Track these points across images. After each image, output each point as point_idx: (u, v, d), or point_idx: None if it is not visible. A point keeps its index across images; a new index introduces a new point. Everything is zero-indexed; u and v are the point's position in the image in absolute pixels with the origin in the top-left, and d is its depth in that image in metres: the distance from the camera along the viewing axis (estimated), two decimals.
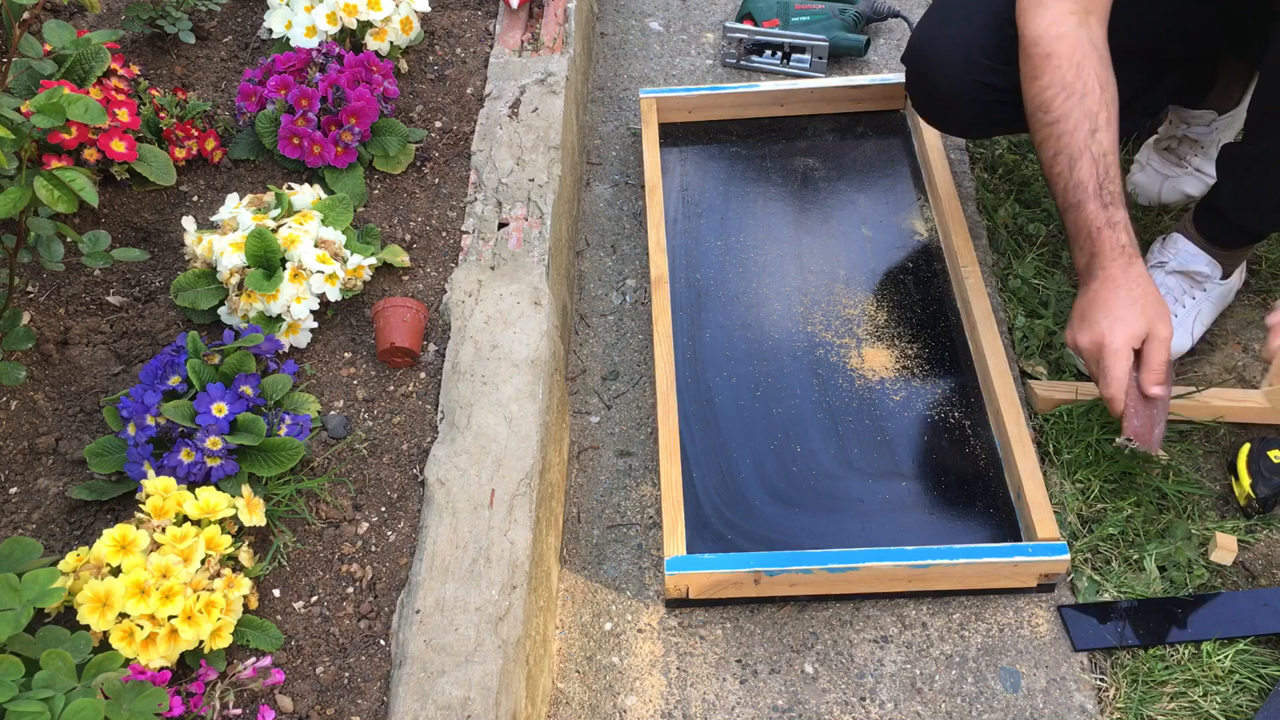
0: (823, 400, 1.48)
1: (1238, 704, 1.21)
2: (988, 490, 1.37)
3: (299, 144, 1.56)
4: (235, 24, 1.88)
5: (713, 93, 1.88)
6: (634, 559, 1.39)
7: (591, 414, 1.56)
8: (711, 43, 2.15)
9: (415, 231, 1.55)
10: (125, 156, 1.48)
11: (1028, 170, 1.82)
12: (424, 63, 1.82)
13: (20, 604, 0.95)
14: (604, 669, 1.29)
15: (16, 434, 1.30)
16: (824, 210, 1.74)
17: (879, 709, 1.24)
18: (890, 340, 1.55)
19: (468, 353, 1.37)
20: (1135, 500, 1.39)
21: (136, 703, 0.94)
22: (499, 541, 1.19)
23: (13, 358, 1.33)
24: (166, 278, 1.48)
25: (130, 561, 1.06)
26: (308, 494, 1.25)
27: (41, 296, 1.45)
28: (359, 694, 1.10)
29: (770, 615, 1.33)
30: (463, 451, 1.27)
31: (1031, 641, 1.29)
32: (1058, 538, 1.27)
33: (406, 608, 1.14)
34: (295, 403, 1.30)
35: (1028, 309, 1.61)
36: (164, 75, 1.76)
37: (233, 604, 1.09)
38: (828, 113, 1.90)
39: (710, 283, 1.64)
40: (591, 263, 1.76)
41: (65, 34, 1.48)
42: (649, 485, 1.47)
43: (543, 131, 1.66)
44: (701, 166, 1.83)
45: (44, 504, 1.24)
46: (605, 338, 1.65)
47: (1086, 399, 1.47)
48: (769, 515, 1.36)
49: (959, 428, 1.44)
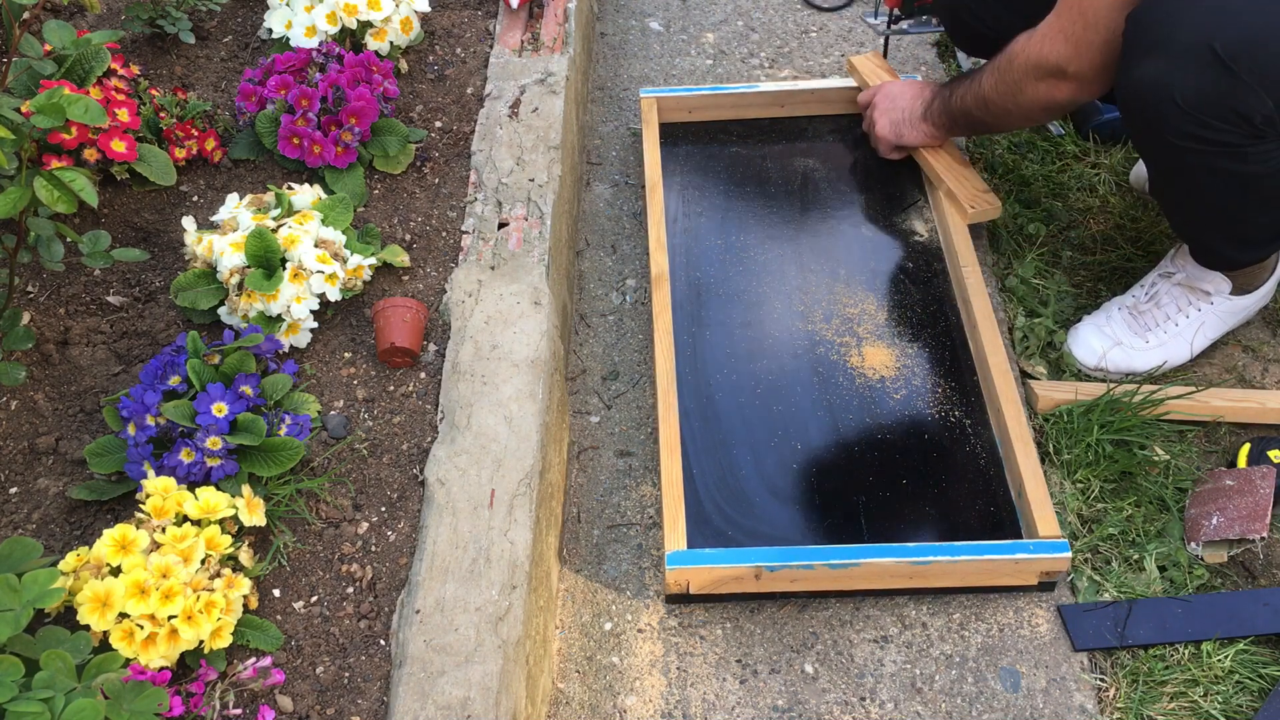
0: (823, 398, 1.48)
1: (1238, 704, 1.21)
2: (988, 489, 1.37)
3: (299, 144, 1.56)
4: (235, 24, 1.88)
5: (713, 93, 1.88)
6: (634, 559, 1.39)
7: (591, 414, 1.56)
8: (712, 43, 2.15)
9: (415, 231, 1.55)
10: (125, 156, 1.47)
11: (1028, 170, 1.82)
12: (424, 63, 1.82)
13: (20, 604, 0.95)
14: (604, 669, 1.29)
15: (16, 434, 1.30)
16: (824, 210, 1.74)
17: (879, 709, 1.24)
18: (890, 339, 1.55)
19: (468, 353, 1.37)
20: (1135, 500, 1.39)
21: (136, 703, 0.94)
22: (499, 541, 1.19)
23: (13, 358, 1.33)
24: (166, 278, 1.48)
25: (130, 561, 1.06)
26: (308, 494, 1.25)
27: (41, 296, 1.45)
28: (359, 694, 1.09)
29: (770, 615, 1.33)
30: (463, 451, 1.27)
31: (1031, 641, 1.29)
32: (1059, 535, 1.27)
33: (406, 608, 1.14)
34: (295, 403, 1.30)
35: (1028, 309, 1.61)
36: (164, 75, 1.76)
37: (233, 604, 1.09)
38: (828, 114, 1.90)
39: (711, 281, 1.64)
40: (591, 263, 1.76)
41: (65, 34, 1.48)
42: (649, 485, 1.47)
43: (543, 131, 1.66)
44: (702, 166, 1.83)
45: (44, 504, 1.24)
46: (605, 338, 1.65)
47: (1086, 399, 1.47)
48: (769, 512, 1.36)
49: (959, 427, 1.44)
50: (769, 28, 2.18)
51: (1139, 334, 1.51)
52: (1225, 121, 1.21)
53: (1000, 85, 1.49)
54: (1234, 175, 1.27)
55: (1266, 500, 1.33)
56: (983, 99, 1.53)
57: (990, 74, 1.50)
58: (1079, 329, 1.55)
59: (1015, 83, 1.45)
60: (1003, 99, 1.49)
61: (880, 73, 1.84)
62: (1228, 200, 1.32)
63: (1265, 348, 1.57)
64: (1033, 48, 1.41)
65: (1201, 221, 1.42)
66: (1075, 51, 1.35)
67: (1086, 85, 1.38)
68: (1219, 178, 1.28)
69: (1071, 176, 1.81)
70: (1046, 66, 1.39)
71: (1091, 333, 1.54)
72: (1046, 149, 1.85)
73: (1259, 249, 1.42)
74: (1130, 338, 1.51)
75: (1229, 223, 1.38)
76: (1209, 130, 1.23)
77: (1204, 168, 1.28)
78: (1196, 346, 1.52)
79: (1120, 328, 1.52)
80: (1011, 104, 1.49)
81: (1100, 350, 1.52)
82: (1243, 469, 1.39)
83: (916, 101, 1.70)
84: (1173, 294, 1.51)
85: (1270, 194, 1.30)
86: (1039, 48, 1.39)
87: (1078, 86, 1.39)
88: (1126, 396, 1.46)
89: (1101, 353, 1.52)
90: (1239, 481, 1.36)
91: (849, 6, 2.22)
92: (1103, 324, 1.54)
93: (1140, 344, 1.51)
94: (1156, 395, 1.46)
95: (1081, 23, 1.32)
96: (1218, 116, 1.21)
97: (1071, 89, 1.40)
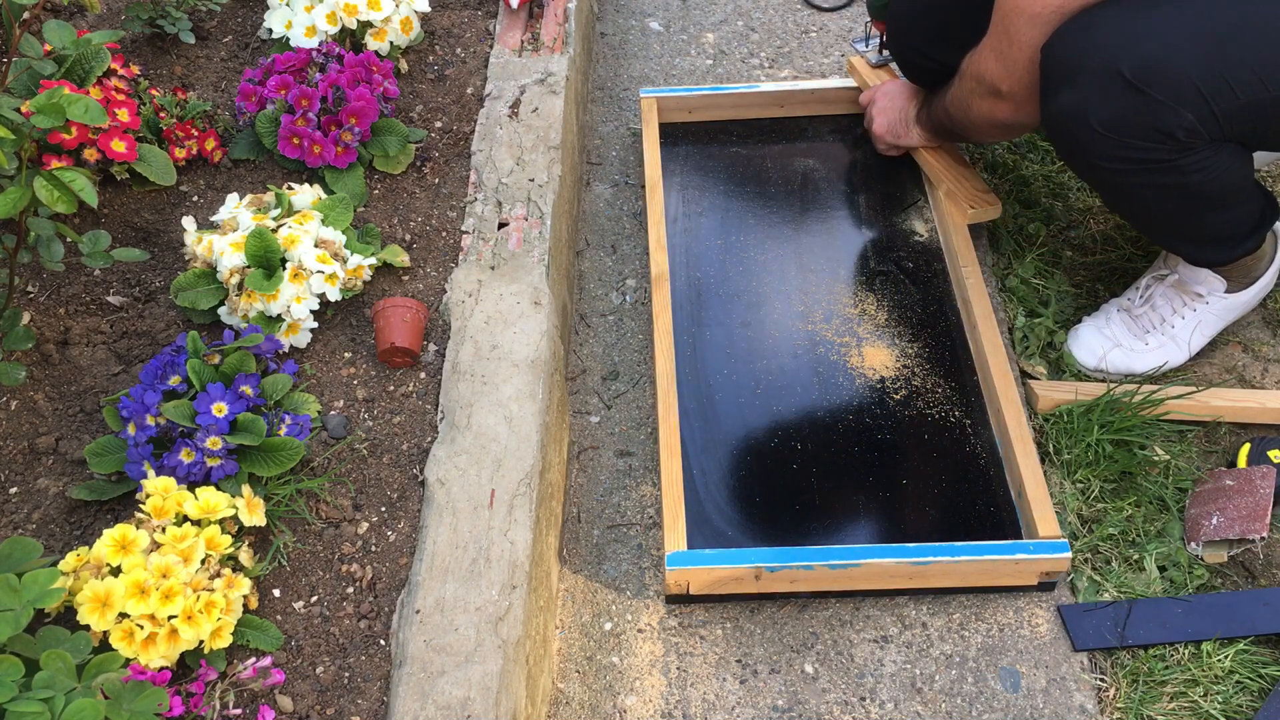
0: (823, 398, 1.48)
1: (1238, 704, 1.21)
2: (988, 489, 1.37)
3: (299, 144, 1.56)
4: (235, 24, 1.88)
5: (713, 93, 1.88)
6: (634, 559, 1.39)
7: (591, 414, 1.56)
8: (712, 43, 2.16)
9: (415, 231, 1.55)
10: (125, 156, 1.47)
11: (1027, 170, 1.82)
12: (424, 63, 1.82)
13: (20, 604, 0.95)
14: (604, 669, 1.29)
15: (16, 434, 1.30)
16: (824, 210, 1.74)
17: (879, 709, 1.24)
18: (890, 339, 1.55)
19: (468, 353, 1.37)
20: (1135, 500, 1.39)
21: (136, 703, 0.94)
22: (499, 541, 1.19)
23: (13, 358, 1.33)
24: (166, 278, 1.48)
25: (130, 561, 1.06)
26: (308, 494, 1.25)
27: (41, 296, 1.45)
28: (359, 694, 1.09)
29: (770, 615, 1.33)
30: (463, 451, 1.27)
31: (1031, 641, 1.29)
32: (1059, 535, 1.27)
33: (406, 608, 1.14)
34: (295, 403, 1.30)
35: (1028, 309, 1.61)
36: (164, 75, 1.76)
37: (233, 604, 1.09)
38: (828, 114, 1.90)
39: (711, 281, 1.64)
40: (591, 263, 1.76)
41: (65, 34, 1.48)
42: (649, 485, 1.47)
43: (543, 131, 1.66)
44: (702, 166, 1.83)
45: (44, 504, 1.24)
46: (605, 338, 1.65)
47: (1086, 399, 1.47)
48: (769, 512, 1.36)
49: (959, 427, 1.44)
50: (769, 28, 2.18)
51: (1138, 336, 1.51)
52: (1148, 139, 1.23)
53: (955, 99, 1.52)
54: (1174, 187, 1.29)
55: (1266, 500, 1.33)
56: (948, 111, 1.56)
57: (952, 87, 1.53)
58: (1079, 330, 1.56)
59: (964, 98, 1.49)
60: (958, 113, 1.53)
61: (880, 72, 1.84)
62: (1178, 209, 1.33)
63: (1265, 348, 1.57)
64: (973, 65, 1.44)
65: (1163, 231, 1.43)
66: (1005, 70, 1.37)
67: (1021, 105, 1.39)
68: (1160, 191, 1.30)
69: (1071, 176, 1.81)
70: (984, 84, 1.42)
71: (1091, 334, 1.54)
72: (1046, 149, 1.85)
73: (1232, 246, 1.42)
74: (1130, 340, 1.51)
75: (1189, 229, 1.39)
76: (1135, 150, 1.25)
77: (1142, 184, 1.30)
78: (1194, 346, 1.52)
79: (1119, 329, 1.52)
80: (965, 119, 1.52)
81: (1100, 352, 1.52)
82: (1243, 469, 1.39)
83: (910, 103, 1.71)
84: (1167, 295, 1.51)
85: (1218, 195, 1.31)
86: (977, 64, 1.42)
87: (1014, 106, 1.40)
88: (1126, 396, 1.46)
89: (1101, 354, 1.52)
90: (1239, 481, 1.36)
91: (849, 6, 2.22)
92: (1102, 325, 1.54)
93: (1140, 346, 1.51)
94: (1156, 395, 1.46)
95: (1006, 40, 1.34)
96: (1139, 136, 1.23)
97: (1009, 109, 1.41)
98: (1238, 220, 1.38)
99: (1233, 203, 1.35)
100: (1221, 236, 1.40)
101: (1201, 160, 1.25)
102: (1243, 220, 1.39)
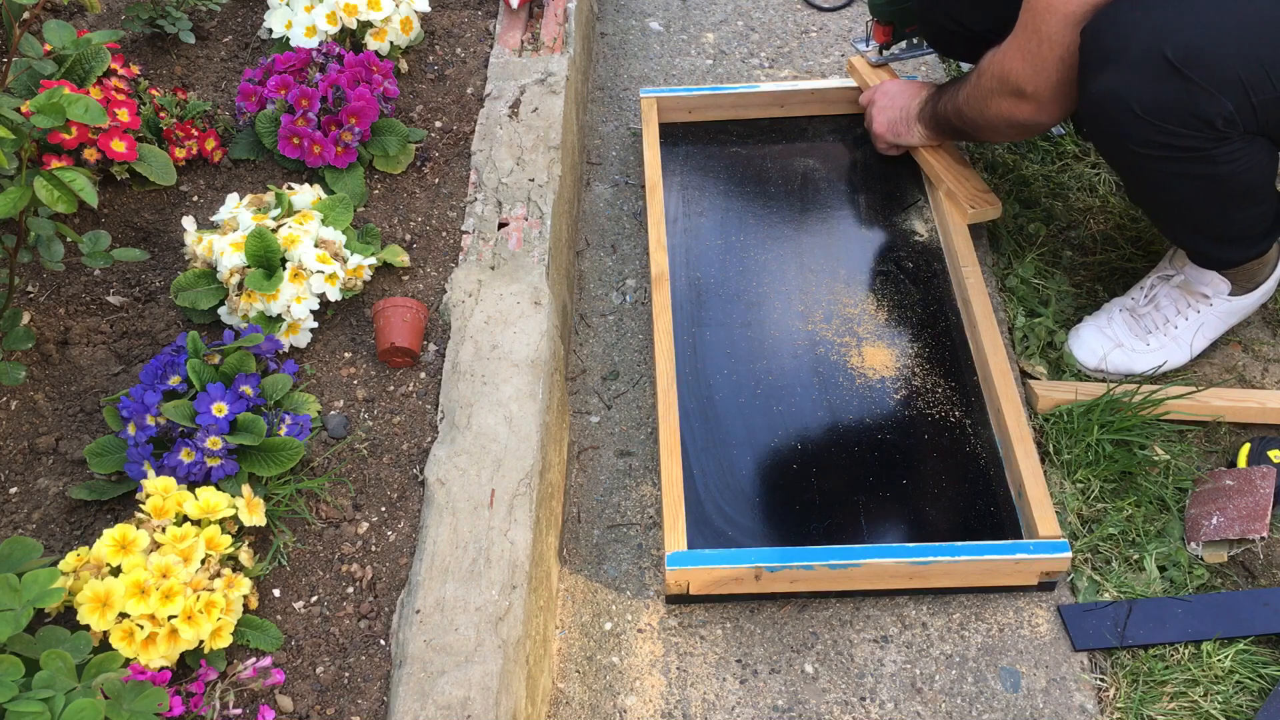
0: (823, 398, 1.48)
1: (1238, 704, 1.21)
2: (988, 489, 1.37)
3: (299, 144, 1.56)
4: (235, 24, 1.88)
5: (713, 93, 1.88)
6: (634, 559, 1.39)
7: (591, 414, 1.56)
8: (712, 42, 2.15)
9: (415, 231, 1.55)
10: (125, 156, 1.47)
11: (1027, 170, 1.82)
12: (424, 63, 1.82)
13: (20, 604, 0.95)
14: (604, 669, 1.29)
15: (16, 434, 1.30)
16: (824, 210, 1.74)
17: (879, 709, 1.24)
18: (890, 339, 1.55)
19: (468, 353, 1.37)
20: (1135, 500, 1.39)
21: (136, 703, 0.94)
22: (499, 541, 1.19)
23: (13, 358, 1.33)
24: (166, 278, 1.48)
25: (130, 561, 1.06)
26: (308, 494, 1.25)
27: (41, 296, 1.45)
28: (359, 694, 1.09)
29: (770, 615, 1.33)
30: (463, 451, 1.27)
31: (1031, 641, 1.29)
32: (1059, 535, 1.27)
33: (406, 608, 1.14)
34: (295, 403, 1.30)
35: (1028, 309, 1.61)
36: (164, 75, 1.76)
37: (233, 604, 1.09)
38: (828, 114, 1.90)
39: (711, 281, 1.64)
40: (591, 263, 1.76)
41: (65, 34, 1.48)
42: (649, 485, 1.47)
43: (543, 131, 1.66)
44: (702, 166, 1.83)
45: (44, 504, 1.24)
46: (605, 338, 1.65)
47: (1087, 399, 1.47)
48: (769, 512, 1.36)
49: (959, 427, 1.44)
50: (769, 28, 2.18)
51: (1140, 336, 1.51)
52: (1186, 126, 1.23)
53: (971, 98, 1.51)
54: (1204, 177, 1.28)
55: (1266, 500, 1.33)
56: (959, 109, 1.56)
57: (965, 85, 1.53)
58: (1080, 330, 1.56)
59: (982, 97, 1.48)
60: (973, 112, 1.52)
61: (880, 72, 1.84)
62: (1204, 202, 1.33)
63: (1265, 348, 1.57)
64: (996, 63, 1.43)
65: (1184, 225, 1.42)
66: (1032, 69, 1.36)
67: (1044, 106, 1.39)
68: (1190, 181, 1.29)
69: (1071, 176, 1.81)
70: (1008, 84, 1.41)
71: (1092, 334, 1.54)
72: (1046, 149, 1.85)
73: (1247, 246, 1.42)
74: (1131, 340, 1.51)
75: (1210, 223, 1.38)
76: (1172, 136, 1.24)
77: (1174, 173, 1.29)
78: (1196, 347, 1.52)
79: (1121, 329, 1.52)
80: (980, 118, 1.51)
81: (1101, 352, 1.52)
82: (1243, 469, 1.39)
83: (913, 102, 1.71)
84: (1171, 296, 1.51)
85: (1244, 191, 1.31)
86: (1001, 63, 1.41)
87: (1036, 108, 1.40)
88: (1126, 396, 1.46)
89: (1102, 354, 1.52)
90: (1239, 481, 1.36)
91: (849, 6, 2.22)
92: (1104, 325, 1.54)
93: (1141, 346, 1.51)
94: (1156, 395, 1.46)
95: (1036, 39, 1.34)
96: (1178, 122, 1.23)
97: (1031, 109, 1.41)
98: (1257, 219, 1.38)
99: (1257, 199, 1.35)
100: (1240, 234, 1.40)
101: (1234, 151, 1.24)
102: (1261, 219, 1.39)
